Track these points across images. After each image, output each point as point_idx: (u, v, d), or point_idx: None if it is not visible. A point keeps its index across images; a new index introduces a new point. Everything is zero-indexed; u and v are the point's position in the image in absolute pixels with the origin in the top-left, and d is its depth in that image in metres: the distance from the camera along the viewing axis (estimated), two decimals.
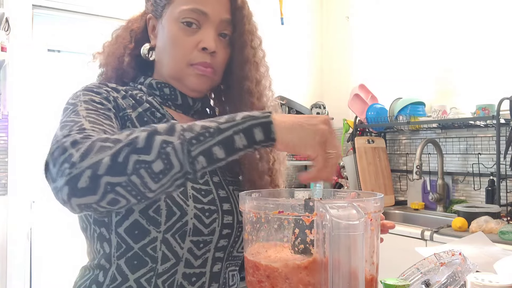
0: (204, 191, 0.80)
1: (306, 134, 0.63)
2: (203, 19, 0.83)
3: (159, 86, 0.88)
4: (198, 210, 0.77)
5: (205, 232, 0.78)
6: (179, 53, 0.84)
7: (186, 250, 0.77)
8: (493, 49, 2.52)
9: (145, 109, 0.84)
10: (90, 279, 0.79)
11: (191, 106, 0.90)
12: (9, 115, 2.47)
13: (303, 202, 0.61)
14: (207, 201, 0.80)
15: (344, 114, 3.27)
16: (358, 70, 3.38)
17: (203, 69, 0.84)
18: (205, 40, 0.83)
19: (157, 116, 0.84)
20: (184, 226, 0.75)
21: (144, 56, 0.90)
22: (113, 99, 0.80)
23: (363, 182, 2.78)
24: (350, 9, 3.46)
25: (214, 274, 0.81)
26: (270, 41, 4.03)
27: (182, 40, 0.83)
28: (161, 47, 0.87)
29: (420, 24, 2.93)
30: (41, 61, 2.76)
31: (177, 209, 0.75)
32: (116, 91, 0.83)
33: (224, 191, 0.84)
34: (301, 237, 0.63)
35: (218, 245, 0.81)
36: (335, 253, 0.55)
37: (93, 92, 0.79)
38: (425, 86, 2.88)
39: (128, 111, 0.81)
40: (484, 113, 2.34)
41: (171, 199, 0.75)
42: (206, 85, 0.87)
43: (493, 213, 2.11)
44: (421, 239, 2.12)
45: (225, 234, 0.81)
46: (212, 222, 0.79)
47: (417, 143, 2.89)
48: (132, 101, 0.83)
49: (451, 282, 0.77)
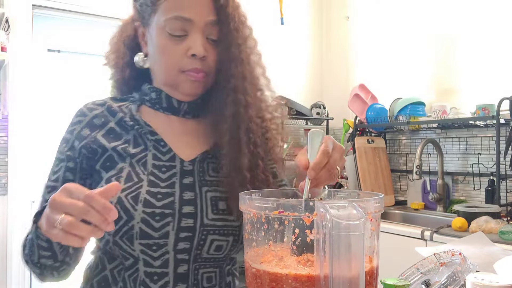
0: (162, 195, 0.81)
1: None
2: (188, 26, 0.83)
3: (149, 91, 0.91)
4: (146, 214, 0.79)
5: (155, 236, 0.79)
6: (169, 61, 0.85)
7: (139, 252, 0.80)
8: (493, 49, 2.52)
9: (118, 120, 0.89)
10: (89, 263, 0.92)
11: (177, 108, 0.91)
12: (9, 115, 2.48)
13: (303, 202, 0.61)
14: (161, 204, 0.80)
15: (344, 114, 3.27)
16: (358, 70, 3.38)
17: (195, 75, 0.85)
18: (193, 47, 0.83)
19: (129, 124, 0.88)
20: (130, 230, 0.78)
21: (138, 65, 0.92)
22: (74, 137, 0.88)
23: (363, 182, 2.78)
24: (350, 9, 3.46)
25: (180, 275, 0.82)
26: (270, 41, 4.03)
27: (171, 49, 0.84)
28: (152, 55, 0.88)
29: (420, 24, 2.93)
30: (41, 61, 2.75)
31: (124, 213, 0.78)
32: (84, 115, 0.89)
33: (192, 193, 0.84)
34: (301, 237, 0.63)
35: (177, 247, 0.81)
36: (335, 253, 0.55)
37: (63, 141, 0.90)
38: (425, 86, 2.88)
39: (93, 134, 0.87)
40: (484, 113, 2.34)
41: (120, 204, 0.79)
42: (199, 89, 0.88)
43: (493, 213, 2.11)
44: (421, 239, 2.12)
45: (184, 237, 0.81)
46: (164, 226, 0.80)
47: (417, 143, 2.89)
48: (102, 120, 0.88)
49: (451, 282, 0.77)
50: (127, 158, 0.84)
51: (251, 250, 0.69)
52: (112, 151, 0.85)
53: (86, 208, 0.62)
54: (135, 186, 0.81)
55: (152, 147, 0.86)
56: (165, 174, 0.84)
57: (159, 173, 0.84)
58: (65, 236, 0.63)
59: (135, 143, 0.86)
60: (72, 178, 0.87)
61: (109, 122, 0.88)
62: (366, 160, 2.85)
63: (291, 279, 0.61)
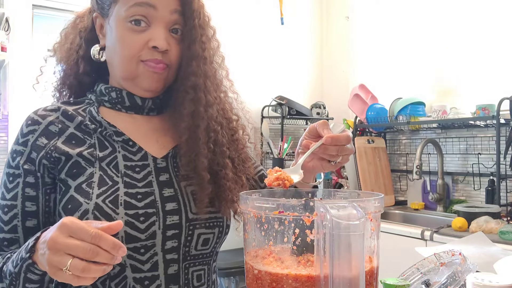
0: (141, 194, 0.79)
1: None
2: (151, 14, 0.79)
3: (107, 91, 0.87)
4: (130, 216, 0.76)
5: (142, 237, 0.77)
6: (129, 52, 0.81)
7: (126, 257, 0.76)
8: (493, 49, 2.52)
9: (78, 124, 0.84)
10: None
11: (141, 106, 0.88)
12: (9, 115, 2.48)
13: (303, 202, 0.61)
14: (143, 204, 0.78)
15: (344, 114, 3.27)
16: (358, 70, 3.38)
17: (154, 66, 0.81)
18: (155, 38, 0.80)
19: (91, 127, 0.84)
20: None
21: (94, 57, 0.88)
22: (30, 149, 0.81)
23: (363, 182, 2.78)
24: (350, 9, 3.46)
25: (171, 276, 0.80)
26: (270, 41, 4.03)
27: (131, 39, 0.80)
28: (111, 47, 0.84)
29: (420, 24, 2.93)
30: (41, 61, 2.76)
31: (105, 219, 0.75)
32: (37, 124, 0.82)
33: (172, 189, 0.82)
34: (301, 237, 0.63)
35: (165, 247, 0.79)
36: (335, 253, 0.55)
37: (15, 153, 0.82)
38: (425, 86, 2.88)
39: (52, 142, 0.81)
40: (484, 113, 2.34)
41: (99, 210, 0.76)
42: (159, 84, 0.84)
43: (493, 213, 2.11)
44: (421, 239, 2.12)
45: (171, 235, 0.79)
46: (150, 226, 0.77)
47: (417, 143, 2.89)
48: (59, 126, 0.83)
49: (451, 282, 0.77)
50: (95, 162, 0.80)
51: (251, 250, 0.69)
52: (78, 157, 0.80)
53: (95, 250, 0.60)
54: (111, 190, 0.78)
55: (121, 148, 0.83)
56: (140, 173, 0.82)
57: (133, 173, 0.81)
58: (76, 279, 0.61)
59: (101, 146, 0.83)
60: (34, 194, 0.81)
61: (68, 128, 0.83)
62: (366, 160, 2.85)
63: (291, 279, 0.61)
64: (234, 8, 3.20)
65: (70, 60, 0.90)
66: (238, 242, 0.92)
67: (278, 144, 3.02)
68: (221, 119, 0.89)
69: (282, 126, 3.15)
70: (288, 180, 0.73)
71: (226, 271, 2.65)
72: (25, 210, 0.80)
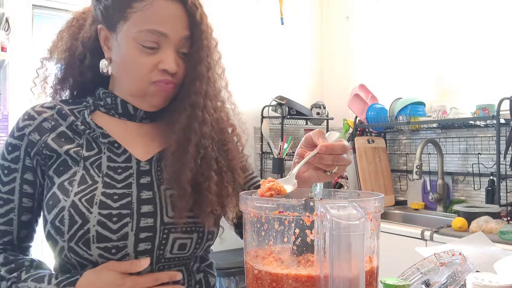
0: (118, 195, 0.80)
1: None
2: (162, 40, 0.81)
3: (104, 96, 0.89)
4: (103, 216, 0.77)
5: (114, 238, 0.77)
6: (139, 73, 0.82)
7: (97, 256, 0.77)
8: (493, 49, 2.52)
9: (69, 123, 0.86)
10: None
11: (133, 115, 0.89)
12: (9, 115, 2.48)
13: (303, 202, 0.61)
14: (118, 205, 0.79)
15: (344, 114, 3.27)
16: (358, 70, 3.38)
17: (165, 86, 0.83)
18: (165, 62, 0.81)
19: (81, 128, 0.85)
20: (86, 234, 0.76)
21: (102, 71, 0.88)
22: (26, 143, 0.83)
23: (363, 182, 2.78)
24: (350, 9, 3.46)
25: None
26: (270, 41, 4.03)
27: (142, 60, 0.81)
28: (119, 63, 0.85)
29: (420, 24, 2.93)
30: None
31: (79, 217, 0.76)
32: (33, 119, 0.85)
33: (151, 192, 0.82)
34: (301, 237, 0.63)
35: (138, 249, 0.79)
36: (335, 253, 0.55)
37: (11, 147, 0.84)
38: (425, 86, 2.88)
39: (43, 138, 0.83)
40: (484, 113, 2.34)
41: (74, 208, 0.77)
42: (166, 100, 0.87)
43: (493, 213, 2.12)
44: (421, 239, 2.12)
45: (144, 237, 0.79)
46: (122, 227, 0.78)
47: (417, 143, 2.89)
48: (52, 123, 0.85)
49: (451, 282, 0.77)
50: (80, 161, 0.82)
51: (251, 250, 0.69)
52: (65, 155, 0.82)
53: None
54: (89, 189, 0.79)
55: (107, 149, 0.85)
56: (121, 175, 0.82)
57: (115, 174, 0.82)
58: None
59: (88, 146, 0.84)
60: (31, 192, 0.84)
61: (60, 126, 0.85)
62: (366, 160, 2.85)
63: (291, 279, 0.61)
64: (234, 8, 3.20)
65: (72, 67, 0.91)
66: (238, 242, 0.91)
67: (278, 144, 3.02)
68: (214, 133, 0.88)
69: (282, 126, 3.15)
70: (281, 190, 0.72)
71: (226, 271, 2.65)
72: (22, 205, 0.85)
